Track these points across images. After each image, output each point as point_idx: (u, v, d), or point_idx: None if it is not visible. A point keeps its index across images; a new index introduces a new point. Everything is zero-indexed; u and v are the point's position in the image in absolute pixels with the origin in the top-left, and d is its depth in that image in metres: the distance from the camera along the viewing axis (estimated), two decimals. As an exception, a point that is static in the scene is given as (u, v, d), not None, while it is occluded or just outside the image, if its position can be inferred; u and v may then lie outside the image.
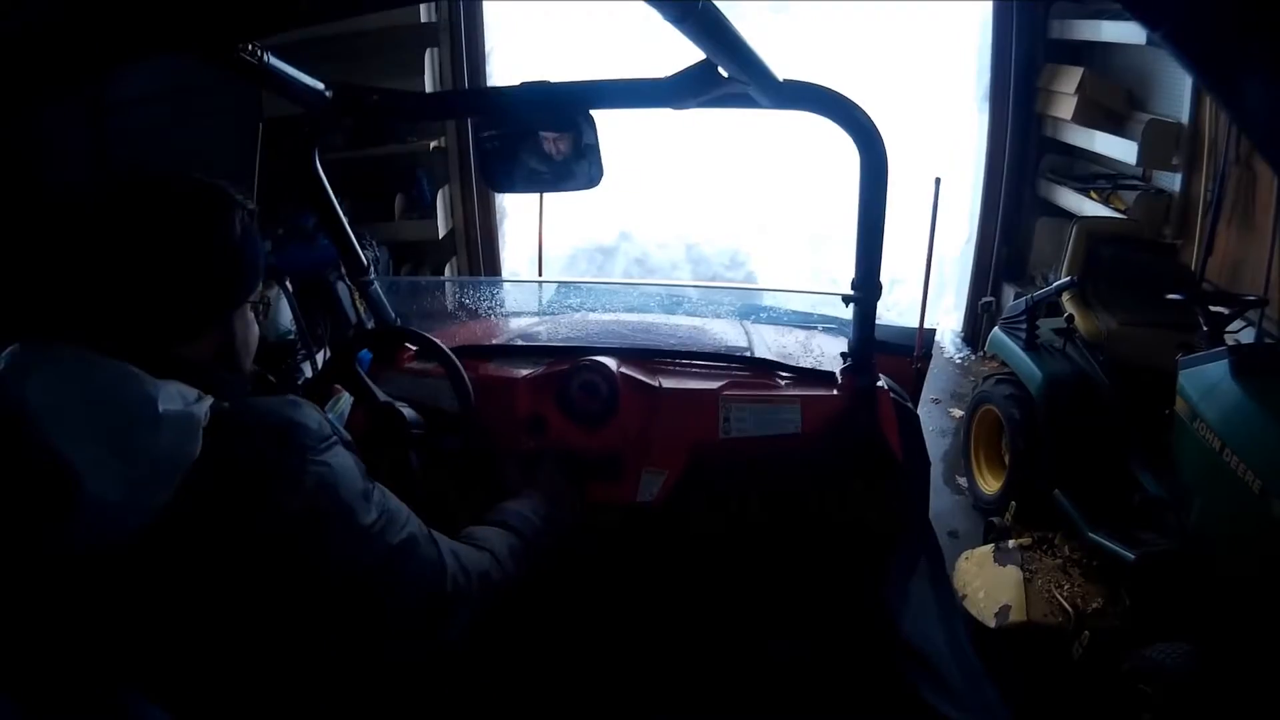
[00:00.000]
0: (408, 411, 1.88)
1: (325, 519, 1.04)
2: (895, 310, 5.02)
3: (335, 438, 1.09)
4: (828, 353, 2.31)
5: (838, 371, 2.13)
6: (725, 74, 1.30)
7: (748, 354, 2.30)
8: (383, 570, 1.10)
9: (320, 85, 1.57)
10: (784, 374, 2.18)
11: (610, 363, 2.10)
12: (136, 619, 0.97)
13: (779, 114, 1.57)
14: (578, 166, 1.68)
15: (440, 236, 5.65)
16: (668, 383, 2.12)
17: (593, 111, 1.61)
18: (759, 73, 1.31)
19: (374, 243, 4.93)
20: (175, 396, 0.96)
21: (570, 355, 2.16)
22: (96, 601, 0.95)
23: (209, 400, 1.00)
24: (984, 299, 5.47)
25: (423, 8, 5.24)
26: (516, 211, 6.03)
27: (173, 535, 0.95)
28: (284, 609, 1.03)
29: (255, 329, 1.21)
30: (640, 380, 2.10)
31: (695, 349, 2.31)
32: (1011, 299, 4.86)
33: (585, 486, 1.97)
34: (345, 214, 2.03)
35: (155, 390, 0.95)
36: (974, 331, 5.80)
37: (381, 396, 1.90)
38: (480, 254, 5.94)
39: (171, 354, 1.05)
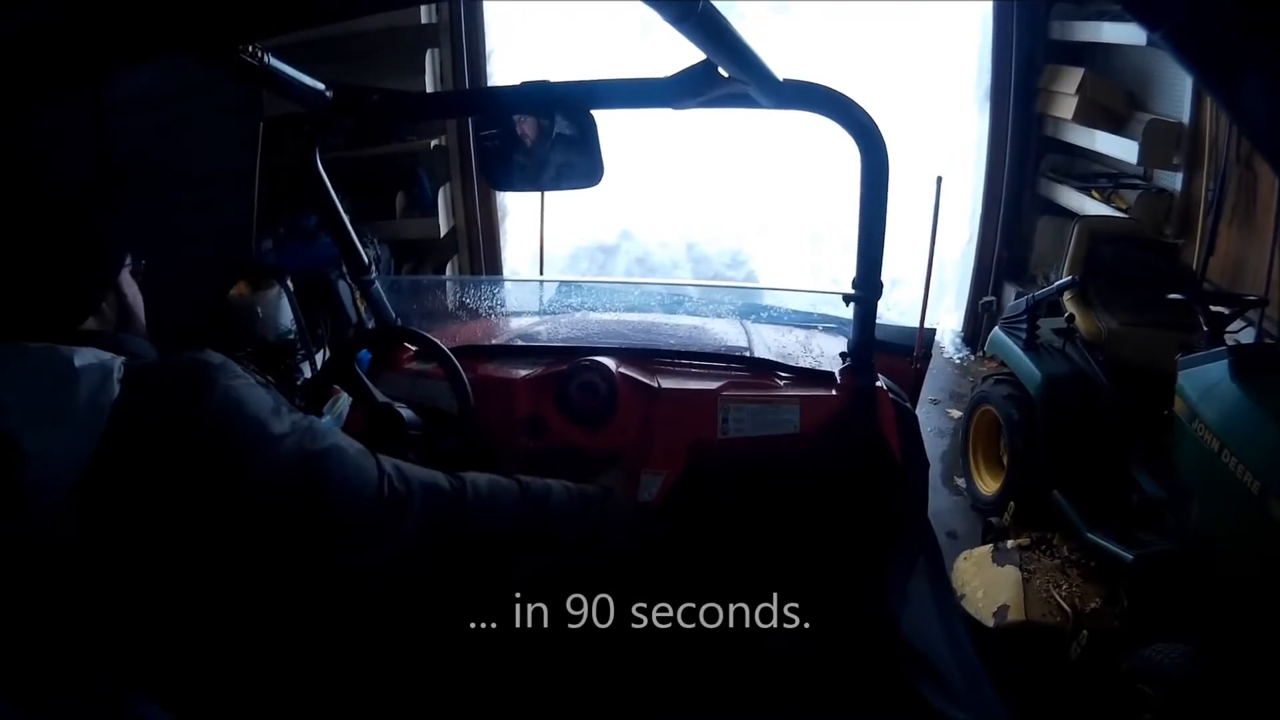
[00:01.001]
0: (406, 413, 1.88)
1: (233, 430, 1.06)
2: (896, 310, 5.00)
3: (242, 371, 1.12)
4: (827, 352, 2.31)
5: (837, 372, 2.13)
6: (725, 74, 1.30)
7: (747, 354, 2.30)
8: (305, 474, 1.11)
9: (321, 86, 1.57)
10: (783, 374, 2.18)
11: (609, 363, 2.10)
12: (90, 578, 0.99)
13: (780, 113, 1.56)
14: (579, 165, 1.68)
15: (441, 235, 5.65)
16: (666, 383, 2.12)
17: (593, 111, 1.61)
18: (759, 73, 1.31)
19: (375, 241, 4.94)
20: (89, 355, 1.01)
21: (569, 355, 2.17)
22: (52, 574, 0.97)
23: (121, 359, 1.05)
24: (984, 299, 5.47)
25: (423, 8, 5.23)
26: (518, 210, 6.04)
27: (105, 483, 0.98)
28: (218, 532, 1.05)
29: (138, 290, 1.26)
30: (639, 380, 2.10)
31: (694, 349, 2.31)
32: (1012, 299, 4.86)
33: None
34: (346, 212, 2.03)
35: (70, 352, 1.00)
36: (974, 331, 5.80)
37: (380, 397, 1.90)
38: (481, 252, 5.94)
39: (81, 332, 1.12)
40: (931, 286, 2.70)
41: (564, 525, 1.60)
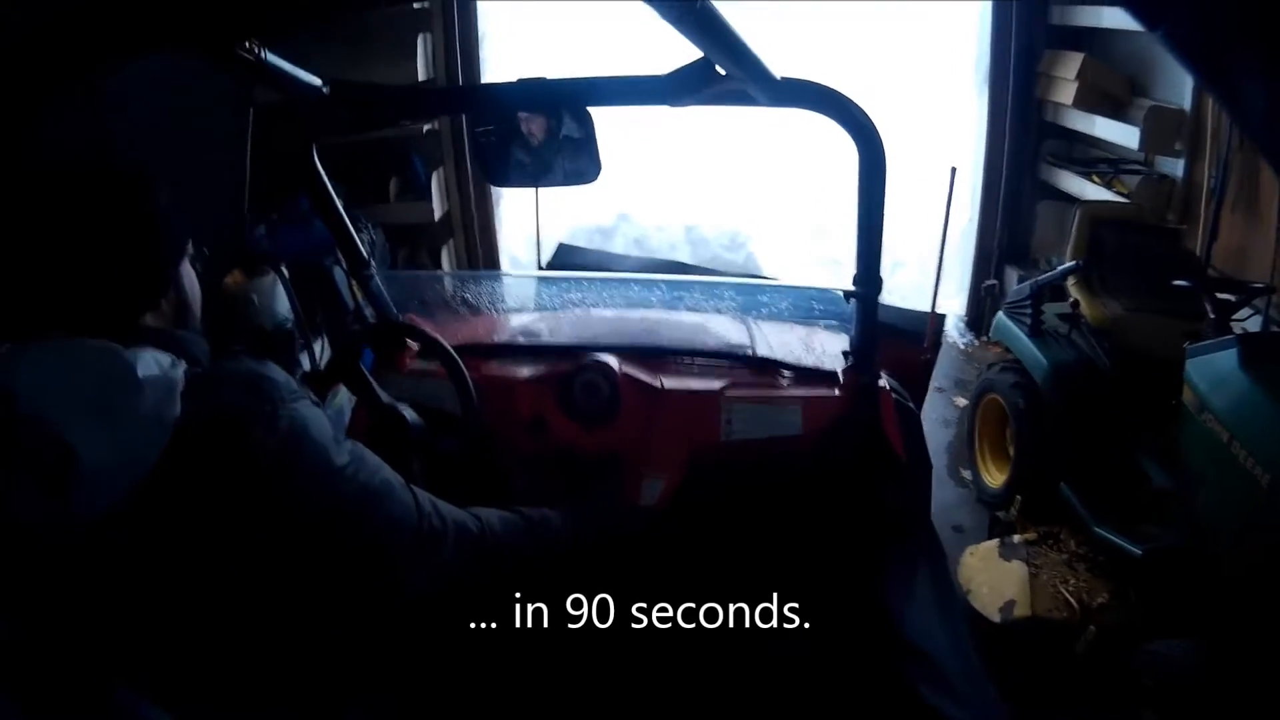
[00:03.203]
0: (410, 414, 1.87)
1: (299, 458, 1.09)
2: (897, 294, 4.99)
3: (302, 393, 1.14)
4: (830, 350, 2.29)
5: (839, 370, 2.12)
6: (722, 72, 1.31)
7: (749, 352, 2.29)
8: (358, 507, 1.17)
9: (317, 81, 1.56)
10: (786, 373, 2.17)
11: (612, 362, 2.09)
12: (136, 586, 1.01)
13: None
14: (576, 162, 1.68)
15: (436, 219, 5.66)
16: (669, 382, 2.11)
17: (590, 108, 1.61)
18: (757, 71, 1.31)
19: (370, 226, 4.91)
20: (152, 363, 1.01)
21: (572, 354, 2.16)
22: (96, 578, 0.99)
23: (183, 365, 1.06)
24: (987, 282, 5.47)
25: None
26: (513, 193, 6.00)
27: (162, 496, 1.00)
28: (269, 553, 1.08)
29: (196, 282, 1.29)
30: (642, 380, 2.10)
31: (697, 347, 2.31)
32: (1014, 282, 4.85)
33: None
34: (340, 199, 2.03)
35: (133, 358, 1.00)
36: (977, 315, 5.82)
37: (384, 398, 1.90)
38: (477, 237, 5.97)
39: (140, 325, 1.13)
40: (933, 271, 2.69)
41: (561, 547, 1.69)
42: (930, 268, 2.66)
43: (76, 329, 1.02)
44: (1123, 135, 4.71)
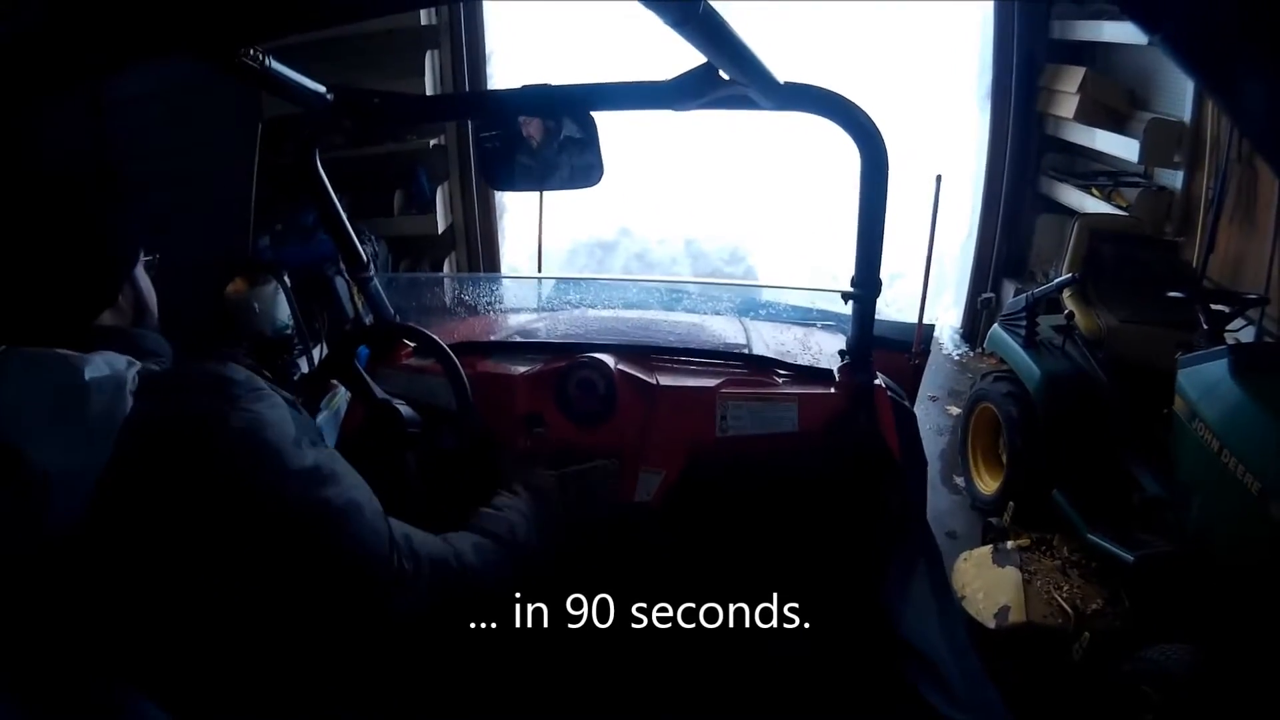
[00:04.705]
0: (405, 409, 1.87)
1: (252, 460, 1.04)
2: (894, 306, 5.01)
3: (266, 389, 1.10)
4: (826, 350, 2.30)
5: (835, 370, 2.13)
6: (726, 76, 1.30)
7: (745, 351, 2.29)
8: (317, 525, 1.10)
9: (322, 89, 1.57)
10: (782, 372, 2.18)
11: (608, 360, 2.10)
12: (106, 590, 1.00)
13: (778, 112, 1.56)
14: (578, 166, 1.68)
15: (440, 231, 5.66)
16: (665, 380, 2.11)
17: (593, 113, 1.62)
18: (759, 75, 1.31)
19: (373, 238, 4.93)
20: (101, 365, 1.01)
21: (568, 352, 2.16)
22: (68, 582, 0.98)
23: (137, 365, 1.05)
24: (983, 295, 5.47)
25: (423, 11, 5.25)
26: (516, 207, 6.05)
27: (122, 496, 0.99)
28: (230, 554, 1.04)
29: (150, 284, 1.25)
30: (638, 378, 2.10)
31: (693, 346, 2.31)
32: (1011, 295, 4.86)
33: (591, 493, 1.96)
34: (345, 209, 2.03)
35: (81, 363, 0.99)
36: (973, 328, 5.81)
37: (379, 394, 1.90)
38: (479, 249, 5.96)
39: (97, 327, 1.12)
40: (930, 282, 2.70)
41: (537, 559, 1.63)
42: (930, 280, 2.67)
43: (31, 334, 1.02)
44: (1123, 148, 4.73)
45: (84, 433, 0.97)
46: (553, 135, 1.66)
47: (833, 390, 2.10)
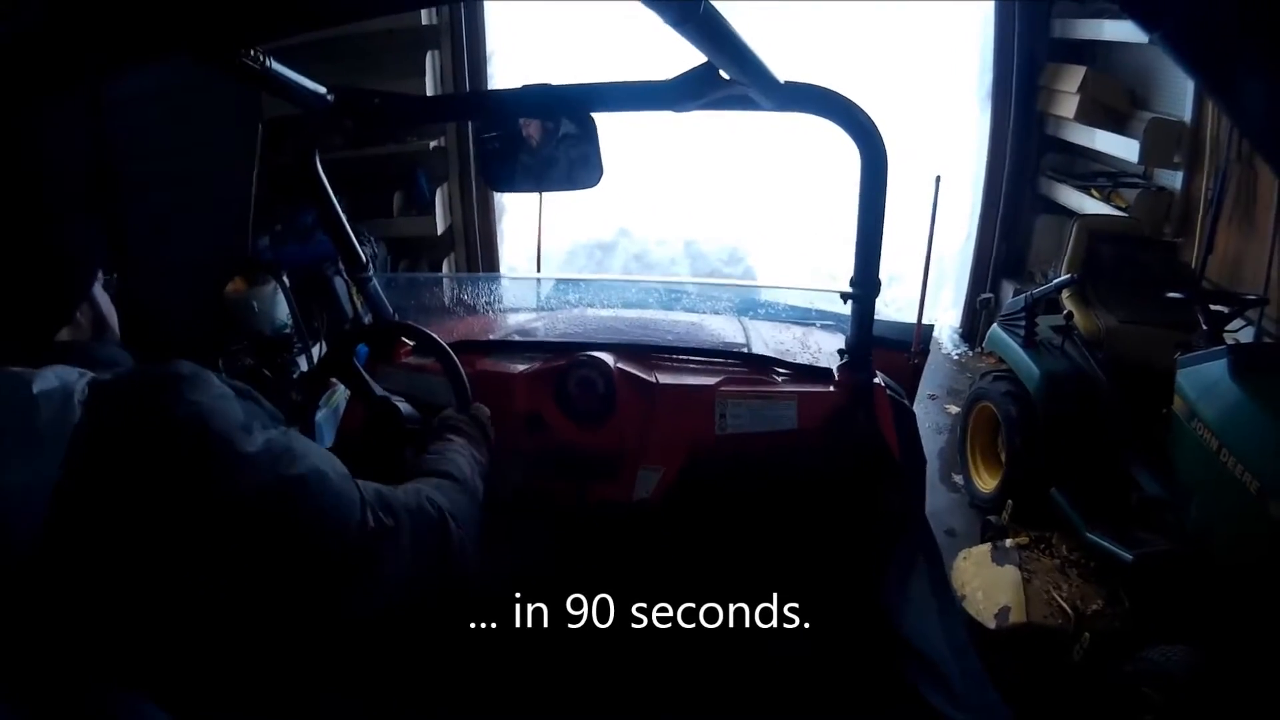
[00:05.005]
0: (404, 406, 1.87)
1: (199, 449, 1.01)
2: (894, 307, 5.01)
3: (212, 380, 1.08)
4: (825, 349, 2.31)
5: (835, 368, 2.13)
6: (726, 76, 1.30)
7: (745, 350, 2.30)
8: (280, 502, 1.06)
9: (322, 89, 1.57)
10: (781, 370, 2.18)
11: (607, 358, 2.10)
12: (77, 599, 0.97)
13: (779, 113, 1.57)
14: (578, 166, 1.68)
15: (439, 233, 5.67)
16: (664, 379, 2.12)
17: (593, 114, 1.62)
18: (760, 75, 1.31)
19: (372, 239, 4.94)
20: (51, 378, 0.99)
21: (567, 351, 2.16)
22: (37, 596, 0.96)
23: (88, 375, 1.02)
24: (983, 295, 5.47)
25: (423, 11, 5.25)
26: (515, 208, 6.05)
27: (76, 503, 0.96)
28: (189, 553, 1.01)
29: (109, 302, 1.23)
30: (637, 376, 2.10)
31: (692, 345, 2.31)
32: (1010, 296, 4.87)
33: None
34: (344, 211, 2.03)
35: (30, 376, 0.98)
36: (972, 328, 5.82)
37: (378, 391, 1.89)
38: (479, 250, 5.96)
39: (56, 343, 1.11)
40: (930, 283, 2.70)
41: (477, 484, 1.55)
42: (929, 280, 2.67)
43: None
44: (1123, 148, 4.74)
45: (35, 446, 0.95)
46: (552, 136, 1.66)
47: (832, 388, 2.10)
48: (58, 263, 1.12)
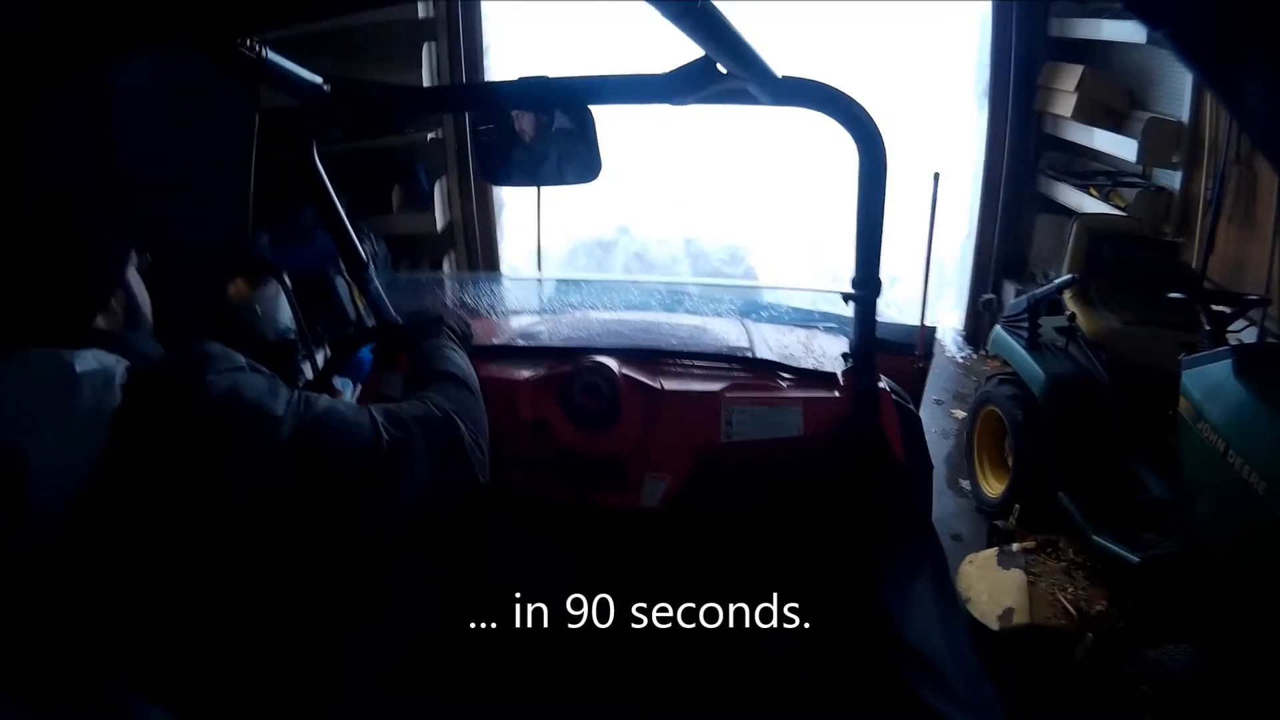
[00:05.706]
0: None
1: (236, 419, 1.09)
2: (895, 307, 5.00)
3: (238, 363, 1.15)
4: (829, 353, 2.29)
5: (839, 373, 2.12)
6: (724, 70, 1.31)
7: (749, 354, 2.28)
8: (305, 445, 1.13)
9: (319, 80, 1.55)
10: (785, 375, 2.17)
11: (612, 364, 2.09)
12: (95, 582, 1.01)
13: (777, 110, 1.57)
14: (576, 160, 1.68)
15: (439, 229, 5.64)
16: (669, 384, 2.10)
17: (591, 107, 1.61)
18: (758, 69, 1.31)
19: (372, 236, 4.91)
20: (91, 359, 1.03)
21: (571, 356, 2.15)
22: (56, 580, 0.99)
23: (125, 362, 1.07)
24: (985, 296, 5.46)
25: (420, 3, 5.24)
26: (515, 205, 6.02)
27: (111, 485, 1.01)
28: (223, 525, 1.07)
29: (142, 285, 1.27)
30: (642, 382, 2.09)
31: (696, 349, 2.29)
32: (1012, 296, 4.86)
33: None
34: (343, 209, 2.02)
35: (71, 357, 1.02)
36: (975, 329, 5.82)
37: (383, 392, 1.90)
38: (479, 247, 5.94)
39: (91, 329, 1.14)
40: (931, 284, 2.69)
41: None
42: (930, 280, 2.66)
43: (23, 338, 1.04)
44: (1121, 147, 4.72)
45: (75, 425, 0.99)
46: (544, 129, 1.66)
47: (837, 394, 2.09)
48: (86, 249, 1.16)
